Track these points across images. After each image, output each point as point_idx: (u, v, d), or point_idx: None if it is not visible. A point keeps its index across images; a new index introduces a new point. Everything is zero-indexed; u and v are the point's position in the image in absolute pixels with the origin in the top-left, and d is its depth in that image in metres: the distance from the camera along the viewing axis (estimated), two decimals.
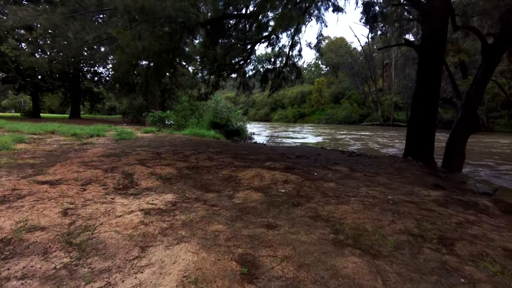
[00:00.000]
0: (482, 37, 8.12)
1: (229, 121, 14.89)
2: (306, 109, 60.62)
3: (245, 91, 11.46)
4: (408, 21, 16.78)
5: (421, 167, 6.92)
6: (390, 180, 4.87)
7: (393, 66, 45.64)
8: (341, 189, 4.15)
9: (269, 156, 6.64)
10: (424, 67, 8.31)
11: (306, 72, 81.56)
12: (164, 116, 15.50)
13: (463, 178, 7.53)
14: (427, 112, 8.17)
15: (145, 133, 13.21)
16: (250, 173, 4.79)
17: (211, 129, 14.40)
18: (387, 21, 12.56)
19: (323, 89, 60.12)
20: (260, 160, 6.15)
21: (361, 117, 48.75)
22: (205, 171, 5.09)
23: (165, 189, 4.01)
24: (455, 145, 8.09)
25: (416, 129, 8.28)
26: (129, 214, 2.98)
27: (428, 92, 8.16)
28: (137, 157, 6.10)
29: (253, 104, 73.04)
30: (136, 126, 18.28)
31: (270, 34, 9.80)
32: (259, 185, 4.24)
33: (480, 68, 8.14)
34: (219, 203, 3.51)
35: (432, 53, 8.12)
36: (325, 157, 7.00)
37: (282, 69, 10.51)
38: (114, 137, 10.46)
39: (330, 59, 65.38)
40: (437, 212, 3.30)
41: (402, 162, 7.07)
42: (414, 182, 4.94)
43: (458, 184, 6.29)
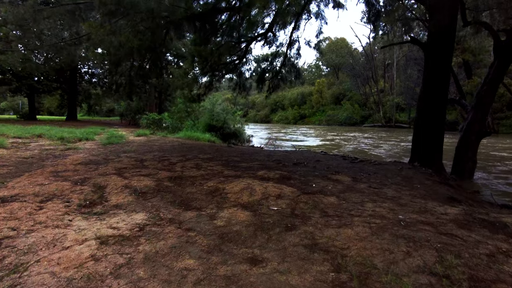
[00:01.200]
0: (494, 34, 7.53)
1: (225, 123, 14.31)
2: (307, 110, 59.95)
3: (242, 92, 10.90)
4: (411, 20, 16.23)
5: (430, 175, 6.33)
6: (399, 193, 4.28)
7: (395, 67, 44.99)
8: (343, 205, 3.57)
9: (263, 164, 6.06)
10: (431, 67, 7.73)
11: (306, 73, 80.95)
12: (158, 118, 14.93)
13: (476, 187, 6.93)
14: (434, 114, 7.58)
15: (137, 137, 12.65)
16: (239, 185, 4.21)
17: (207, 131, 13.83)
18: (390, 18, 12.00)
19: (324, 90, 59.46)
20: (253, 168, 5.56)
21: (362, 118, 48.07)
22: (189, 182, 4.51)
23: (137, 207, 3.44)
24: (465, 150, 7.49)
25: (423, 133, 7.69)
26: (80, 244, 2.40)
27: (435, 93, 7.58)
28: (117, 165, 5.53)
29: (253, 106, 72.43)
30: (131, 129, 17.71)
31: (267, 32, 9.23)
32: (248, 200, 3.65)
33: (492, 67, 7.55)
34: (197, 226, 2.94)
35: (439, 51, 7.54)
36: (325, 164, 6.41)
37: (280, 69, 9.94)
38: (102, 141, 9.90)
39: (330, 60, 64.77)
40: (460, 238, 2.71)
41: (409, 169, 6.48)
42: (426, 195, 4.35)
43: (473, 195, 5.70)
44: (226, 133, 14.14)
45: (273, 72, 9.97)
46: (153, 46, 5.34)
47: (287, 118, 60.59)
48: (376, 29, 21.04)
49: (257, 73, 10.20)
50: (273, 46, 9.83)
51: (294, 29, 9.40)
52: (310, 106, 60.33)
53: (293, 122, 58.14)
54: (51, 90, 29.04)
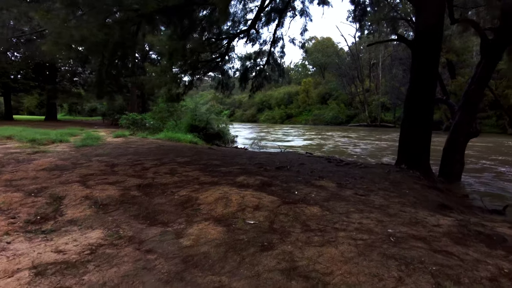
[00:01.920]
0: (482, 32, 7.36)
1: (208, 123, 13.85)
2: (293, 110, 59.81)
3: (225, 91, 10.50)
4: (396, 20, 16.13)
5: (419, 178, 6.09)
6: (387, 201, 3.97)
7: (380, 66, 45.28)
8: (327, 217, 3.23)
9: (244, 168, 5.69)
10: (418, 65, 7.50)
11: (293, 73, 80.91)
12: (138, 118, 14.37)
13: (465, 190, 6.74)
14: (421, 114, 7.36)
15: (115, 138, 12.09)
16: (215, 193, 3.83)
17: (189, 132, 13.35)
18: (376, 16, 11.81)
19: (310, 89, 59.46)
20: (233, 173, 5.18)
21: (348, 117, 48.21)
22: (160, 191, 4.10)
23: (94, 222, 3.02)
24: (453, 152, 7.30)
25: (410, 134, 7.47)
26: (8, 277, 1.97)
27: (422, 92, 7.36)
28: (84, 172, 5.06)
29: (240, 105, 71.90)
30: (112, 129, 17.02)
31: (249, 28, 8.86)
32: (222, 213, 3.28)
33: (480, 66, 7.39)
34: (160, 246, 2.54)
35: (426, 49, 7.31)
36: (309, 167, 6.08)
37: (263, 67, 9.58)
38: (76, 144, 9.33)
39: (317, 59, 64.85)
40: (457, 257, 2.40)
41: (396, 172, 6.22)
42: (415, 202, 4.06)
43: (462, 199, 5.47)
44: (209, 134, 13.70)
45: (256, 71, 9.60)
46: (121, 41, 4.89)
47: (273, 117, 60.34)
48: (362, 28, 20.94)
49: (240, 71, 9.81)
50: (256, 43, 9.48)
51: (278, 26, 9.07)
52: (296, 106, 60.24)
53: (280, 121, 57.94)
54: (30, 89, 27.84)
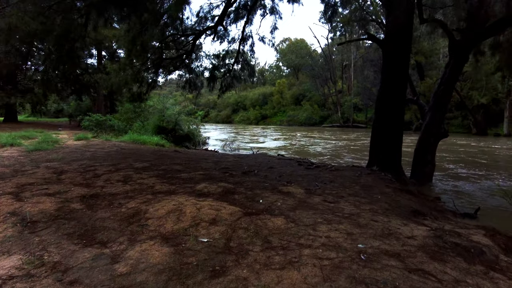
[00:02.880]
0: (449, 33, 7.33)
1: (177, 125, 13.25)
2: (268, 111, 59.68)
3: (193, 91, 10.00)
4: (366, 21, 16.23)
5: (390, 180, 5.90)
6: (358, 208, 3.68)
7: (352, 68, 46.01)
8: (291, 230, 2.87)
9: (208, 173, 5.25)
10: (389, 65, 7.38)
11: (267, 74, 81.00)
12: (103, 119, 13.55)
13: (436, 191, 6.64)
14: (393, 114, 7.24)
15: (76, 141, 11.28)
16: (168, 204, 3.39)
17: (156, 134, 12.70)
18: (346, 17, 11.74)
19: (284, 90, 59.59)
20: (194, 180, 4.74)
21: (321, 118, 48.62)
22: (106, 202, 3.60)
23: (14, 245, 2.51)
24: (424, 153, 7.21)
25: (381, 135, 7.32)
26: None
27: (394, 92, 7.23)
28: (23, 181, 4.46)
29: (215, 106, 70.93)
30: (76, 131, 16.00)
31: (216, 25, 8.43)
32: (173, 229, 2.85)
33: (448, 66, 7.35)
34: (88, 275, 2.09)
35: (397, 48, 7.20)
36: (278, 171, 5.74)
37: (232, 66, 9.17)
38: (28, 148, 8.54)
39: (290, 61, 65.15)
40: (434, 277, 2.11)
41: (368, 175, 6.00)
42: (387, 209, 3.80)
43: (434, 202, 5.30)
44: (178, 136, 13.10)
45: (225, 69, 9.18)
46: (65, 33, 4.33)
47: (248, 118, 59.95)
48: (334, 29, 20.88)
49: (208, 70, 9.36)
50: (224, 41, 9.06)
51: (247, 23, 8.70)
52: (271, 107, 60.19)
53: (255, 122, 57.65)
54: None
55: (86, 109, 26.92)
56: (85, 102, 32.50)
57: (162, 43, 7.69)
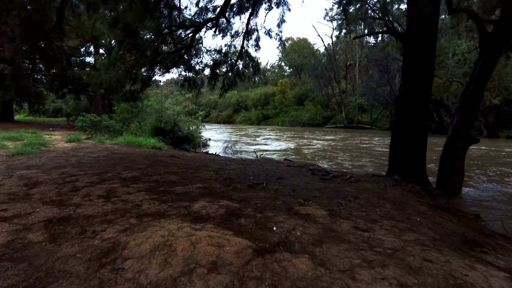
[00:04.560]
0: (481, 24, 6.50)
1: (176, 126, 12.43)
2: (270, 111, 58.72)
3: (192, 90, 9.19)
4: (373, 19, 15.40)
5: (420, 194, 5.08)
6: (399, 238, 2.87)
7: (356, 68, 45.02)
8: (322, 280, 2.07)
9: (207, 186, 4.43)
10: (412, 61, 6.56)
11: (269, 73, 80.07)
12: (97, 120, 12.75)
13: (467, 204, 5.82)
14: (416, 116, 6.41)
15: (67, 143, 10.50)
16: (155, 235, 2.59)
17: (154, 135, 11.91)
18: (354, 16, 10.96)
19: (287, 90, 58.65)
20: (191, 195, 3.93)
21: (325, 119, 47.64)
22: (77, 230, 2.80)
23: None
24: (452, 160, 6.38)
25: (403, 139, 6.50)
26: None
27: (417, 91, 6.41)
28: None
29: (216, 106, 70.02)
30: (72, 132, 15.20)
31: (218, 17, 7.60)
32: (157, 278, 2.04)
33: (478, 63, 6.52)
34: None
35: (421, 42, 6.38)
36: (290, 183, 4.92)
37: (235, 62, 8.36)
38: (10, 151, 7.75)
39: (293, 60, 64.22)
40: None
41: (393, 188, 5.18)
42: (436, 239, 2.98)
43: (476, 222, 4.47)
44: (177, 137, 12.28)
45: (227, 66, 8.36)
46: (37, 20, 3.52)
47: (250, 118, 59.04)
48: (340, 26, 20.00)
49: (209, 66, 8.54)
50: (227, 35, 8.24)
51: (252, 15, 7.87)
52: (273, 107, 59.26)
53: (257, 122, 56.73)
54: None
55: (84, 109, 26.22)
56: (83, 102, 31.80)
57: (158, 36, 6.88)
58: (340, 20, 23.12)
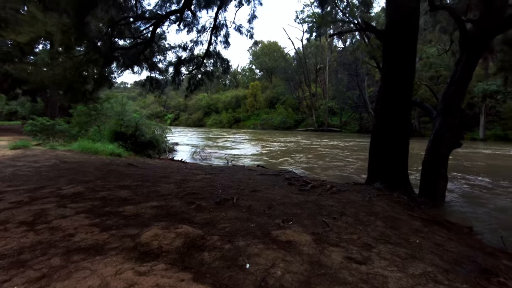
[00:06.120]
0: (461, 23, 6.21)
1: (138, 130, 11.42)
2: (241, 114, 58.02)
3: (155, 90, 8.34)
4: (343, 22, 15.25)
5: (409, 206, 4.60)
6: (404, 273, 2.29)
7: (327, 71, 45.40)
8: None
9: (165, 205, 3.66)
10: (392, 60, 6.17)
11: (240, 76, 79.42)
12: (50, 124, 11.47)
13: (454, 213, 5.43)
14: (398, 119, 6.01)
15: (12, 150, 9.26)
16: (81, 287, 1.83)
17: (113, 141, 10.85)
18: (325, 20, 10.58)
19: (258, 93, 58.24)
20: (142, 218, 3.16)
21: (296, 122, 47.65)
22: None
23: None
24: (436, 166, 6.00)
25: (384, 144, 6.06)
26: None
27: (398, 92, 6.02)
28: None
29: (186, 108, 68.25)
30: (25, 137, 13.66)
31: (183, 9, 6.84)
32: None
33: (459, 63, 6.21)
34: None
35: (402, 40, 5.99)
36: (265, 197, 4.25)
37: (202, 60, 7.61)
38: None
39: (264, 63, 63.97)
40: None
41: (378, 198, 4.67)
42: (446, 270, 2.42)
43: (472, 237, 4.02)
44: (139, 143, 11.28)
45: (194, 64, 7.60)
46: None
47: (221, 121, 58.01)
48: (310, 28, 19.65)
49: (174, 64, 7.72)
50: (193, 30, 7.48)
51: (220, 8, 7.17)
52: (244, 110, 58.63)
53: (228, 126, 55.82)
54: None
55: (41, 112, 24.29)
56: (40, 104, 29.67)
57: (112, 27, 6.01)
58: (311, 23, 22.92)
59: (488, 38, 6.22)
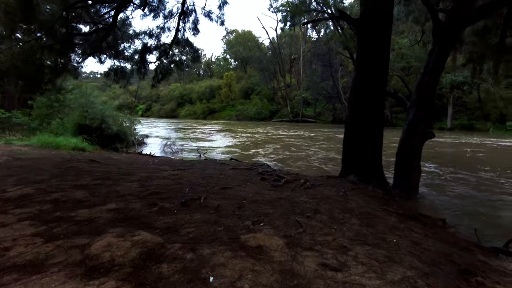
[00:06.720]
0: (434, 13, 6.15)
1: (104, 122, 10.79)
2: (216, 105, 57.14)
3: (120, 80, 7.83)
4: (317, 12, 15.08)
5: (384, 199, 4.51)
6: (381, 278, 2.12)
7: (301, 61, 45.37)
8: None
9: (124, 207, 3.31)
10: (367, 49, 6.03)
11: (214, 66, 78.13)
12: (5, 117, 10.61)
13: (426, 204, 5.43)
14: (372, 110, 5.93)
15: None
16: None
17: (77, 134, 10.19)
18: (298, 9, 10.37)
19: (233, 84, 57.47)
20: (95, 224, 2.82)
21: (271, 113, 47.54)
22: None
23: None
24: (409, 157, 5.97)
25: (358, 136, 5.96)
26: None
27: (373, 82, 5.92)
28: None
29: (158, 99, 66.41)
30: None
31: None
32: None
33: (432, 53, 6.16)
34: None
35: (377, 29, 5.87)
36: (235, 194, 3.99)
37: (170, 47, 7.16)
38: None
39: (238, 53, 63.06)
40: None
41: (353, 192, 4.55)
42: (426, 274, 2.28)
43: (445, 230, 3.97)
44: (106, 136, 10.67)
45: (160, 51, 7.15)
46: None
47: (195, 112, 56.91)
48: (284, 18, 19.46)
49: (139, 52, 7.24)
50: (160, 16, 7.01)
51: None
52: (219, 101, 57.80)
53: (202, 117, 54.88)
54: None
55: None
56: None
57: (68, 10, 5.47)
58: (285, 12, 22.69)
59: (460, 29, 6.22)
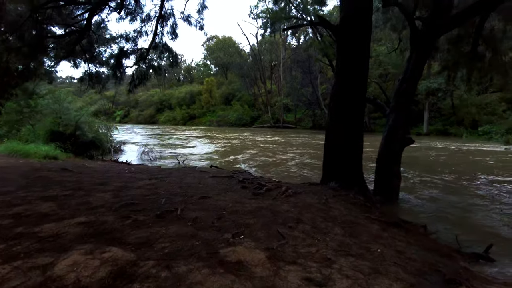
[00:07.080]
0: (412, 21, 6.25)
1: (79, 129, 10.37)
2: (196, 111, 56.53)
3: (95, 85, 7.53)
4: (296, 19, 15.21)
5: (366, 206, 4.47)
6: (363, 286, 2.03)
7: (281, 68, 45.67)
8: None
9: (94, 220, 3.08)
10: (346, 56, 6.07)
11: (195, 72, 77.51)
12: None
13: (407, 210, 5.44)
14: (352, 116, 5.95)
15: None
16: None
17: (49, 141, 9.73)
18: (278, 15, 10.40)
19: (213, 89, 57.10)
20: (63, 240, 2.60)
21: (252, 119, 47.48)
22: None
23: None
24: (389, 163, 5.99)
25: (339, 142, 5.95)
26: None
27: (352, 89, 5.96)
28: None
29: (136, 104, 65.08)
30: None
31: None
32: None
33: (410, 60, 6.25)
34: None
35: (356, 35, 5.90)
36: (215, 204, 3.84)
37: (147, 52, 6.96)
38: None
39: (219, 59, 62.81)
40: None
41: (335, 200, 4.48)
42: (413, 285, 2.21)
43: (427, 237, 3.95)
44: (80, 143, 10.25)
45: (137, 56, 6.93)
46: None
47: (175, 118, 56.07)
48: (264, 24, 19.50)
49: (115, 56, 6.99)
50: (137, 19, 6.80)
51: None
52: (199, 106, 57.22)
53: (182, 123, 54.13)
54: None
55: None
56: None
57: (38, 11, 5.20)
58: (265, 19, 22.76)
59: (436, 36, 6.34)
